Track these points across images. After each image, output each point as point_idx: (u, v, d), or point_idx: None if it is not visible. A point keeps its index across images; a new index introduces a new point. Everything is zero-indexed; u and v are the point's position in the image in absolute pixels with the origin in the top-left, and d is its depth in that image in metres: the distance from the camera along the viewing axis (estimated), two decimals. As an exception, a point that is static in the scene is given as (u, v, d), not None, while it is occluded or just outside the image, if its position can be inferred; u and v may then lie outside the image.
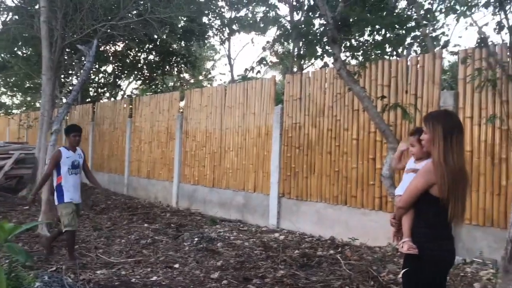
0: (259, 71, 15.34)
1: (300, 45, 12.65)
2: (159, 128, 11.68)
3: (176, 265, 5.56)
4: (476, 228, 5.83)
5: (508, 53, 5.60)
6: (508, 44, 5.55)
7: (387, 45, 10.80)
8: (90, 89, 19.49)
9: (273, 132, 8.51)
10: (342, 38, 8.24)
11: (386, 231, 6.38)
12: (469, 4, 7.77)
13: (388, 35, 10.00)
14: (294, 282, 4.90)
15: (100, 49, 15.43)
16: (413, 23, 10.21)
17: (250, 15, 15.38)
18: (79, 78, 10.38)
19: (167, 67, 18.59)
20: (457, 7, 8.21)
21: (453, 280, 4.99)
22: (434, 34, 11.40)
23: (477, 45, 5.92)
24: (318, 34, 10.46)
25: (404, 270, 2.75)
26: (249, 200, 8.95)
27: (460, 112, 6.07)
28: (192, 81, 24.10)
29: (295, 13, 13.29)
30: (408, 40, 10.70)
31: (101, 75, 19.75)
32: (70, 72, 17.20)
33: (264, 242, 6.82)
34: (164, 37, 16.08)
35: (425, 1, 10.74)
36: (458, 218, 2.65)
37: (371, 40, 10.32)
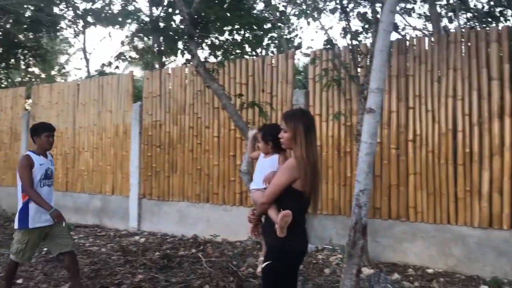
0: (117, 67, 14.64)
1: (161, 41, 12.35)
2: (2, 128, 10.41)
3: (20, 281, 4.97)
4: (326, 217, 6.27)
5: (350, 56, 6.11)
6: (350, 47, 6.07)
7: (246, 45, 11.12)
8: None
9: (132, 131, 8.15)
10: (201, 35, 8.24)
11: (247, 225, 6.53)
12: (318, 9, 8.34)
13: (247, 35, 10.29)
14: (153, 285, 4.72)
15: None
16: (269, 25, 10.64)
17: (106, 7, 14.53)
18: None
19: (13, 60, 16.67)
20: (308, 11, 8.74)
21: (306, 268, 5.29)
22: (289, 36, 12.07)
23: (324, 47, 6.36)
24: (179, 30, 10.30)
25: (266, 263, 2.74)
26: (107, 203, 8.45)
27: (310, 110, 6.47)
28: (43, 76, 22.03)
29: (154, 8, 12.93)
30: (266, 40, 11.16)
31: None
32: None
33: (123, 247, 6.48)
34: (8, 26, 14.39)
35: (279, 4, 11.26)
36: (317, 209, 2.87)
37: (230, 39, 10.52)
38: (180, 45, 10.84)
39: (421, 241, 5.62)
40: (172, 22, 11.13)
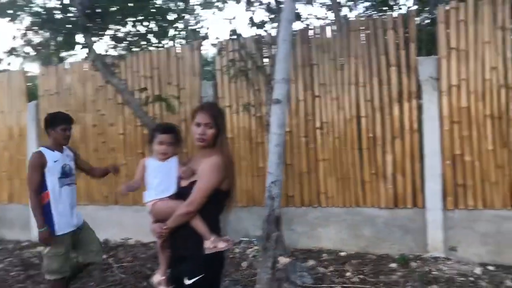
0: (9, 63, 13.41)
1: (58, 34, 11.48)
2: None
3: None
4: (241, 210, 6.21)
5: (256, 46, 6.05)
6: (256, 38, 6.01)
7: (152, 37, 10.69)
8: None
9: (28, 133, 7.48)
10: (100, 27, 7.76)
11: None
12: (223, -1, 8.20)
13: (151, 26, 9.87)
14: (58, 301, 4.34)
15: None
16: (175, 15, 10.29)
17: (-7, -3, 13.22)
18: None
19: None
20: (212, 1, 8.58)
21: (223, 263, 5.19)
22: (195, 27, 11.80)
23: (230, 37, 6.24)
24: (77, 23, 9.63)
25: (197, 278, 2.39)
26: (4, 212, 7.70)
27: (220, 102, 6.35)
28: None
29: (48, -2, 11.96)
30: (172, 32, 10.80)
31: None
32: None
33: (24, 260, 5.95)
34: None
35: (183, -7, 10.93)
36: (233, 205, 2.66)
37: (134, 31, 10.04)
38: (79, 38, 10.14)
39: (333, 225, 5.78)
40: (70, 14, 10.37)
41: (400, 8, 9.79)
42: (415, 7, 9.11)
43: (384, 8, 9.49)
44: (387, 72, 5.51)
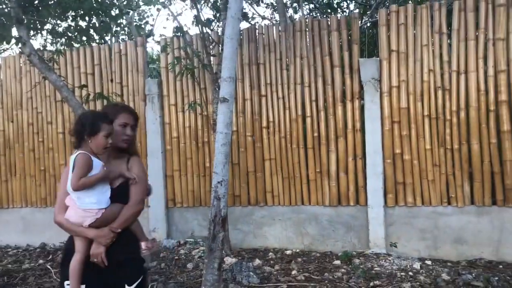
0: None
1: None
2: None
3: None
4: (187, 210, 6.13)
5: (202, 44, 5.97)
6: (201, 36, 5.93)
7: (94, 32, 10.31)
8: None
9: (-44, 131, 6.98)
10: (39, 21, 7.38)
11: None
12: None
13: (94, 21, 9.51)
14: (-11, 310, 4.09)
15: None
16: (117, 11, 9.97)
17: None
18: None
19: None
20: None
21: (168, 265, 5.08)
22: (139, 23, 11.51)
23: (174, 34, 6.13)
24: (12, 15, 9.11)
25: (138, 281, 2.30)
26: None
27: (165, 100, 6.23)
28: None
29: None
30: (115, 27, 10.46)
31: None
32: None
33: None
34: None
35: (127, -11, 10.61)
36: None
37: (74, 26, 9.63)
38: (15, 31, 9.59)
39: (279, 223, 5.81)
40: (4, 5, 9.79)
41: (343, 11, 10.04)
42: (358, 10, 9.37)
43: (328, 11, 9.68)
44: (331, 72, 5.61)
